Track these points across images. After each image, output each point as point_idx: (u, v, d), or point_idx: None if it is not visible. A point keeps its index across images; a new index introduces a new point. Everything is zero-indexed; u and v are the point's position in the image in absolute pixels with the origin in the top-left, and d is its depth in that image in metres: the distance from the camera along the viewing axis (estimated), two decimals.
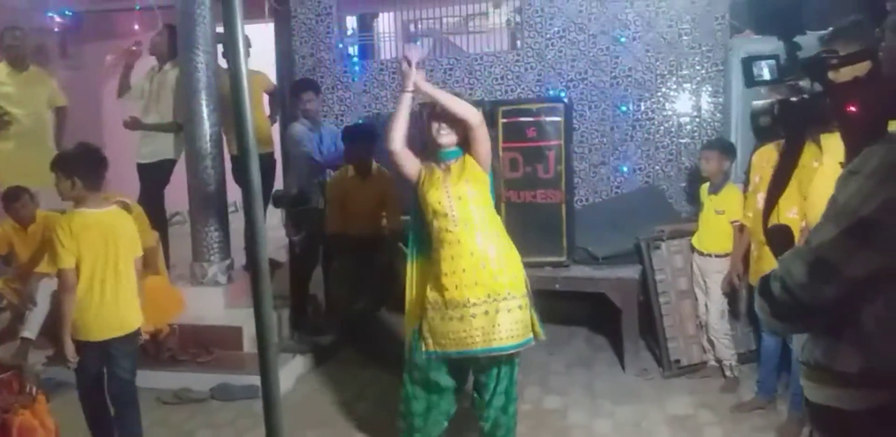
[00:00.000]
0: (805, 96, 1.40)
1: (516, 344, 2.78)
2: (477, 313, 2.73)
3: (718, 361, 3.90)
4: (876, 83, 1.32)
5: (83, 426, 3.56)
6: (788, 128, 1.41)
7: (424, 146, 2.94)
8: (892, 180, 1.12)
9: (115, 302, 3.09)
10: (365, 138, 4.36)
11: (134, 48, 5.10)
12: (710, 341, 3.88)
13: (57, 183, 3.14)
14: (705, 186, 3.96)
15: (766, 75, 1.43)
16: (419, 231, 2.96)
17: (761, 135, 1.51)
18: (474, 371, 2.96)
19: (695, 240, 3.94)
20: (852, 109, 1.32)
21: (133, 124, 4.98)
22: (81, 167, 3.10)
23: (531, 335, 2.84)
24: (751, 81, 1.42)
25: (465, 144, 2.82)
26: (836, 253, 1.16)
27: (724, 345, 3.81)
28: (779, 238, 1.42)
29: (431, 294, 2.81)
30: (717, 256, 3.77)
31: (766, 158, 3.35)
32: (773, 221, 1.47)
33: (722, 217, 3.73)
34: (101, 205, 3.16)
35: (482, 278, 2.74)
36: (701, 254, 3.87)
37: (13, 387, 3.10)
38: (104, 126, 7.05)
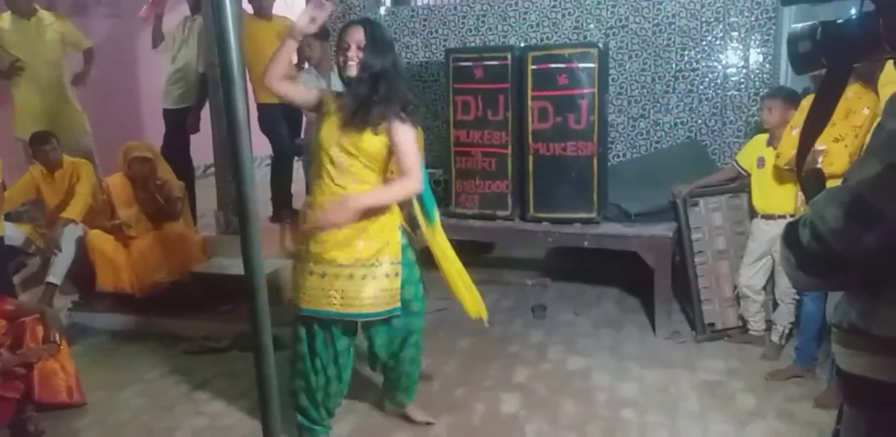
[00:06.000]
0: (853, 16, 1.18)
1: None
2: (341, 274, 2.55)
3: (767, 326, 3.68)
4: None
5: (103, 370, 3.62)
6: (832, 54, 1.20)
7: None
8: None
9: None
10: None
11: None
12: (775, 304, 3.62)
13: None
14: (759, 139, 3.63)
15: None
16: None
17: (800, 64, 1.29)
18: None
19: (757, 202, 3.59)
20: None
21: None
22: None
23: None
24: None
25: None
26: (880, 192, 0.96)
27: (789, 310, 3.53)
28: (815, 184, 1.23)
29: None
30: (791, 216, 3.37)
31: None
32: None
33: (785, 170, 3.35)
34: None
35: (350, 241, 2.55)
36: (769, 217, 3.49)
37: (36, 333, 3.13)
38: (140, 74, 7.03)
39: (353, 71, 2.48)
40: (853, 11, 1.21)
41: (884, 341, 1.02)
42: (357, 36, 2.47)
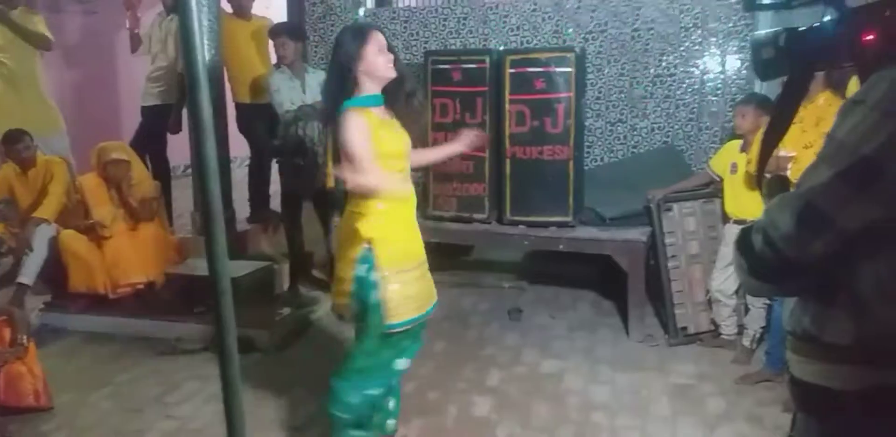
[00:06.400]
0: (815, 24, 1.20)
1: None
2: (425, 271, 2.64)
3: (739, 330, 3.69)
4: None
5: (74, 372, 3.57)
6: (794, 60, 1.22)
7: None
8: None
9: None
10: None
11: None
12: (746, 308, 3.63)
13: None
14: (732, 145, 3.66)
15: None
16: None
17: (764, 71, 1.31)
18: None
19: (730, 207, 3.61)
20: (870, 38, 1.12)
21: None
22: None
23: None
24: (751, 4, 1.22)
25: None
26: (830, 199, 0.97)
27: (760, 314, 3.55)
28: (778, 191, 1.24)
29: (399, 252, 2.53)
30: None
31: None
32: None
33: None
34: None
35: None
36: (742, 222, 3.47)
37: (3, 335, 3.09)
38: (116, 71, 6.97)
39: (393, 72, 2.52)
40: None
41: (835, 348, 1.02)
42: (382, 40, 2.52)
